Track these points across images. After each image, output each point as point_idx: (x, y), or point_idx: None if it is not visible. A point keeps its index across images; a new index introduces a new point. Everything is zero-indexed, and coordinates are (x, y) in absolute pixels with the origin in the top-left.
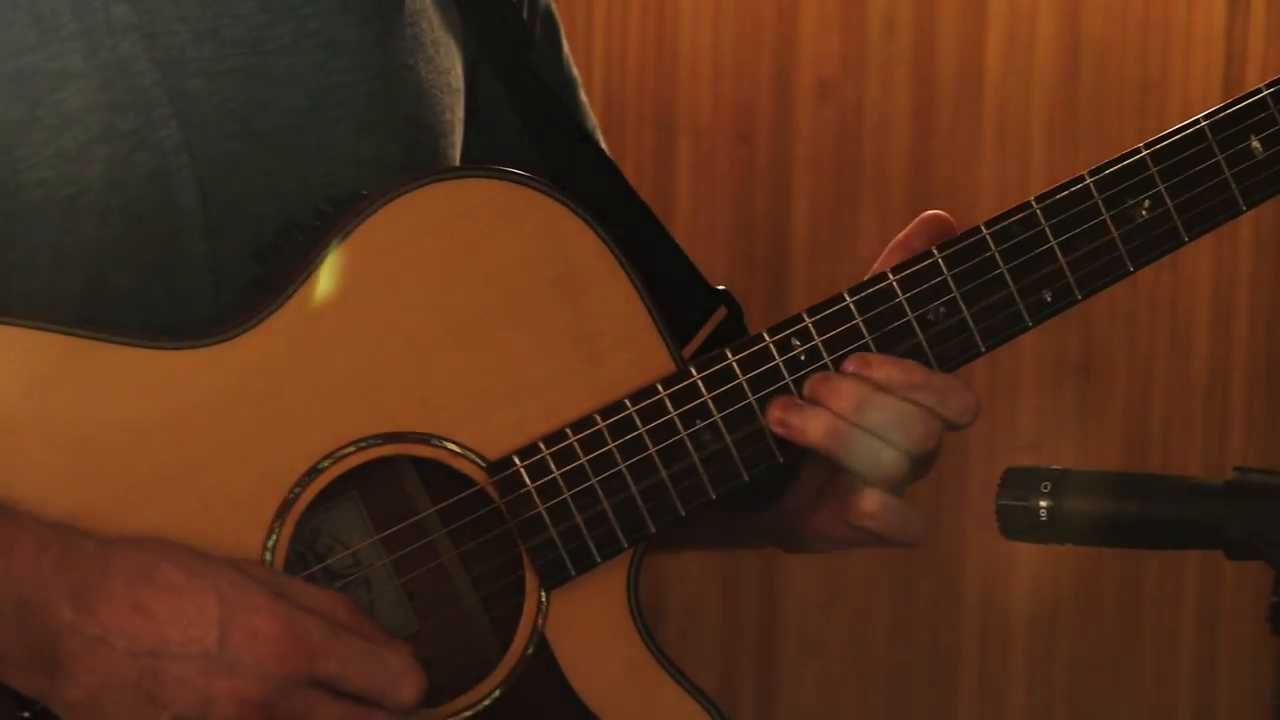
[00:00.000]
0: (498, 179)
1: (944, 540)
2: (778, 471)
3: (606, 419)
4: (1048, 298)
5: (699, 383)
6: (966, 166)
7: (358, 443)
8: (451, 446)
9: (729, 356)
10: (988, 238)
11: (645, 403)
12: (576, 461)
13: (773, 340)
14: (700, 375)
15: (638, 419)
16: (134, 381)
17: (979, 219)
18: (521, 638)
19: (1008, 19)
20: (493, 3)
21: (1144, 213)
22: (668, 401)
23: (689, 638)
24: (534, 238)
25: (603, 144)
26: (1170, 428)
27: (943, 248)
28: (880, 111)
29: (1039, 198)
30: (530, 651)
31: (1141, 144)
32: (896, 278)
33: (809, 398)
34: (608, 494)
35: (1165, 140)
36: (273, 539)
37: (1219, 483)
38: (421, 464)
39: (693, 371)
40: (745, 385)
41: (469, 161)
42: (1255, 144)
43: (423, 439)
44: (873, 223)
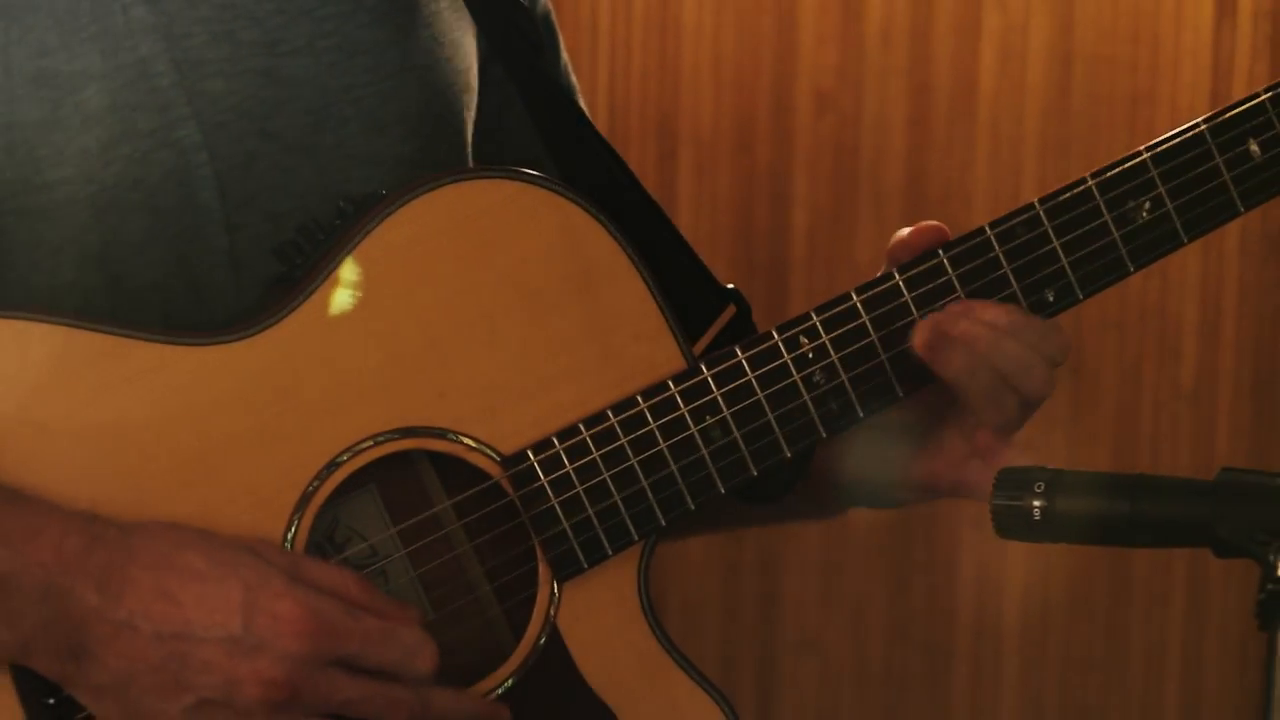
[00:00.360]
0: (514, 179)
1: (939, 539)
2: (784, 466)
3: (619, 414)
4: (1050, 297)
5: (709, 379)
6: (961, 175)
7: (376, 437)
8: (467, 441)
9: (738, 354)
10: (992, 238)
11: (656, 398)
12: (589, 456)
13: (781, 338)
14: (710, 372)
15: (649, 414)
16: (157, 377)
17: (973, 227)
18: (534, 628)
19: (1001, 33)
20: (503, 5)
21: (1145, 214)
22: (678, 397)
23: (690, 635)
24: (549, 237)
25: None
26: (1158, 430)
27: (948, 248)
28: (877, 122)
29: (1042, 200)
30: (543, 641)
31: (1143, 146)
32: (902, 277)
33: (941, 334)
34: (619, 488)
35: (1166, 143)
36: (292, 530)
37: (1207, 483)
38: (438, 458)
39: (703, 368)
40: (754, 382)
41: (480, 160)
42: (1254, 147)
43: (439, 434)
44: (869, 230)
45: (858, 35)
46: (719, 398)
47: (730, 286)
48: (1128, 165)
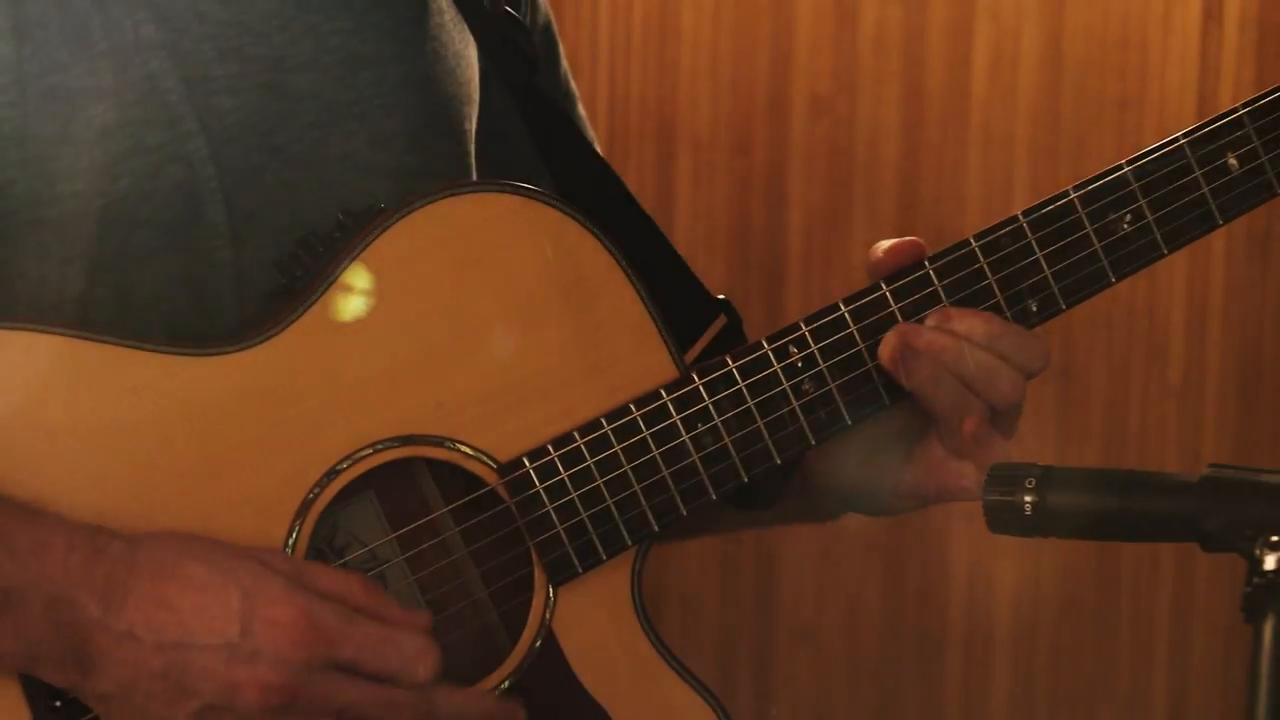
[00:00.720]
0: (511, 193)
1: (931, 534)
2: (776, 472)
3: (612, 423)
4: (1033, 307)
5: (700, 388)
6: (953, 178)
7: (375, 445)
8: (464, 449)
9: (729, 363)
10: (976, 250)
11: (649, 407)
12: (584, 463)
13: (771, 348)
14: (702, 381)
15: (642, 422)
16: (161, 386)
17: (965, 228)
18: (530, 632)
19: (993, 39)
20: (501, 21)
21: (1125, 226)
22: (671, 406)
23: (688, 629)
24: (544, 249)
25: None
26: (1147, 428)
27: (934, 259)
28: (871, 125)
29: (1025, 212)
30: (538, 645)
31: (1124, 161)
32: (889, 288)
33: (905, 345)
34: (613, 494)
35: (1146, 157)
36: (293, 536)
37: (1195, 479)
38: (435, 465)
39: (694, 377)
40: (744, 390)
41: (479, 172)
42: (1232, 161)
43: (437, 441)
44: (863, 230)
45: (852, 41)
46: (710, 406)
47: (721, 297)
48: (1109, 179)
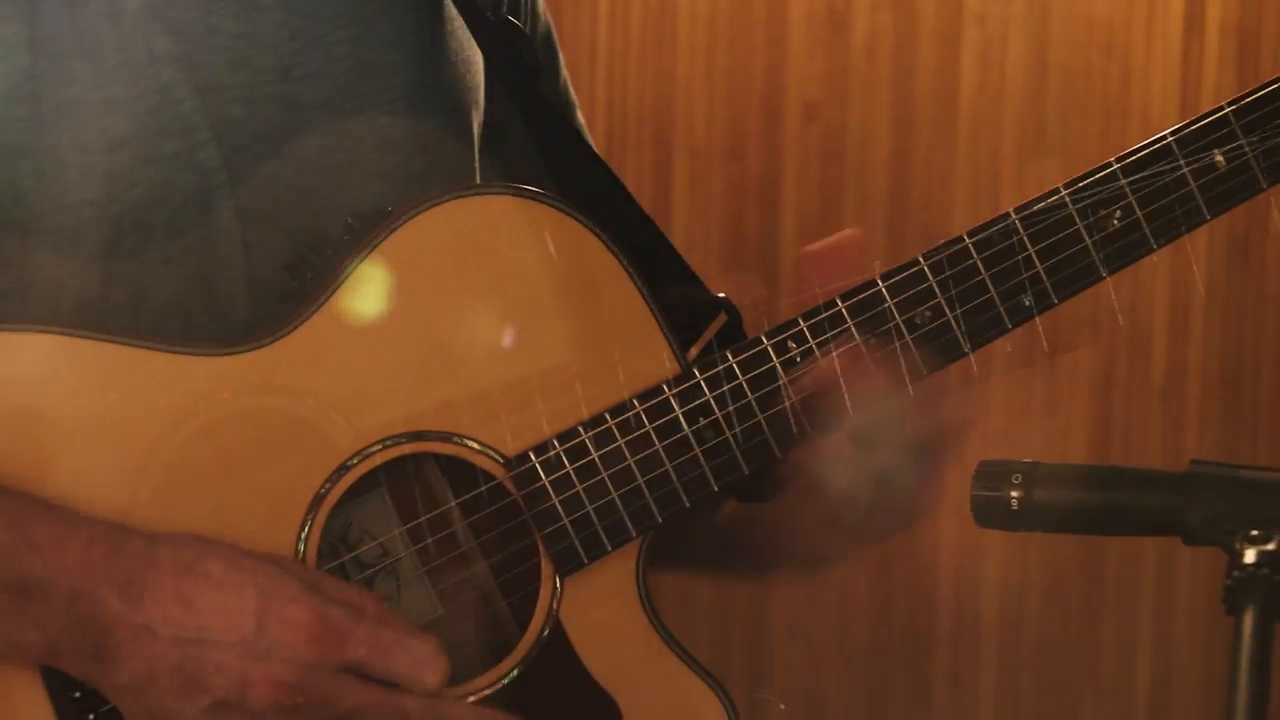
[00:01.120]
0: (515, 195)
1: (920, 529)
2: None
3: (616, 417)
4: (1026, 301)
5: (702, 383)
6: (942, 181)
7: (385, 441)
8: (472, 444)
9: (730, 358)
10: (969, 246)
11: (652, 401)
12: (588, 457)
13: (770, 343)
14: (703, 376)
15: (645, 416)
16: (176, 386)
17: (954, 230)
18: (538, 621)
19: (981, 45)
20: (504, 29)
21: (1115, 222)
22: (673, 400)
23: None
24: (548, 249)
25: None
26: (1130, 425)
27: (928, 256)
28: (862, 131)
29: (1017, 209)
30: (546, 634)
31: (1113, 158)
32: (886, 284)
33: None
34: (617, 486)
35: (1135, 154)
36: (305, 531)
37: (1177, 474)
38: (444, 460)
39: (696, 372)
40: (745, 385)
41: (484, 174)
42: (1218, 158)
43: (445, 437)
44: None
45: (843, 48)
46: (711, 400)
47: (721, 295)
48: (1099, 175)
